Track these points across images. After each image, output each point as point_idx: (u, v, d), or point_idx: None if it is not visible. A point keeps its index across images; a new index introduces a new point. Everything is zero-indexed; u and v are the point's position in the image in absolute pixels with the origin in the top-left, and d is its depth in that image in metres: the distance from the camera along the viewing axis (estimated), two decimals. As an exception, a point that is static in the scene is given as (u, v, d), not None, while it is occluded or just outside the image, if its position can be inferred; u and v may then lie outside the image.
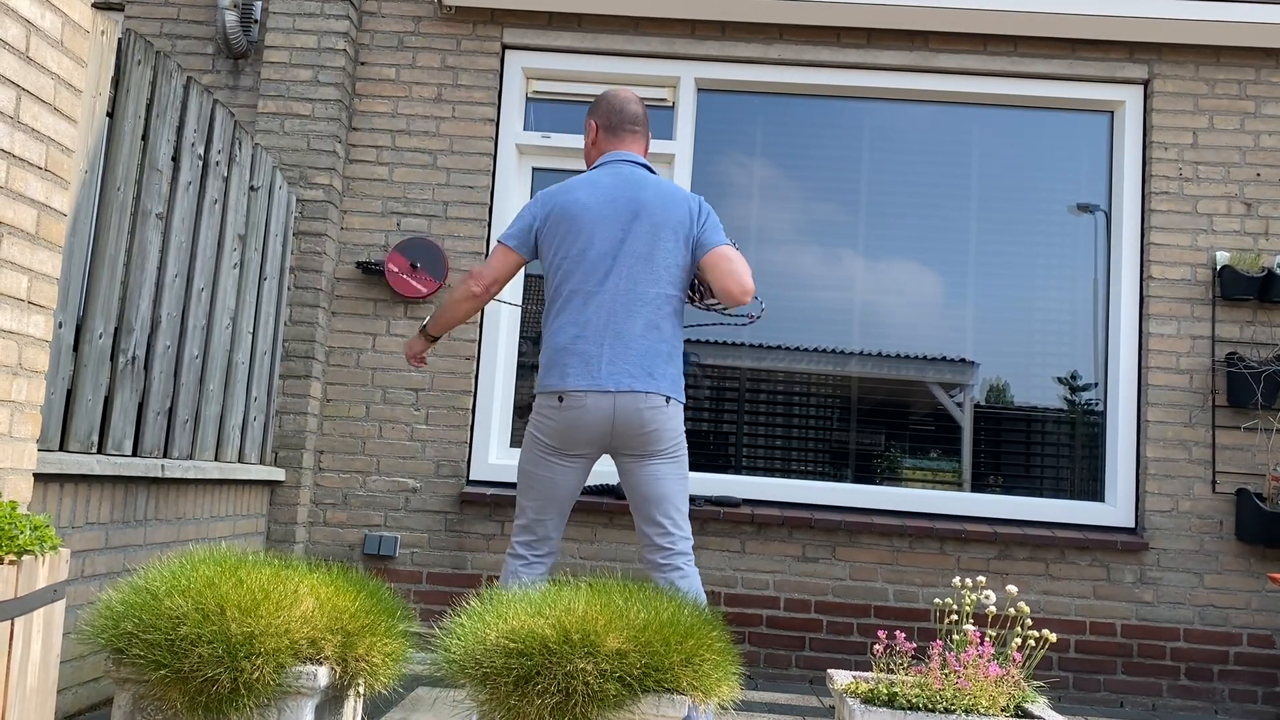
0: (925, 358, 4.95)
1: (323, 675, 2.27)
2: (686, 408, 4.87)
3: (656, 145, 4.94)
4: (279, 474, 4.55)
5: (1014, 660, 2.47)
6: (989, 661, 2.41)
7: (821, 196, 5.09)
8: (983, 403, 4.91)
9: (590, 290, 3.05)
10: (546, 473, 3.08)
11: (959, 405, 4.92)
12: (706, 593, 4.62)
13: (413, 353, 3.41)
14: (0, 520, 1.76)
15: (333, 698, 2.45)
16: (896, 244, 5.02)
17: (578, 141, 4.96)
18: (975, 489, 4.86)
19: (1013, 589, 2.65)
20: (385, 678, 2.42)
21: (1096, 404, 4.87)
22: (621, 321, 3.04)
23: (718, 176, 5.08)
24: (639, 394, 3.00)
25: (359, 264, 4.79)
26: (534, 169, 5.06)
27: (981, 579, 2.58)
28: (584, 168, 4.71)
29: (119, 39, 3.19)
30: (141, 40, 3.30)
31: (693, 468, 4.88)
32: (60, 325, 2.92)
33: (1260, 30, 4.71)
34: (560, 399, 3.02)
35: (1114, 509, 4.73)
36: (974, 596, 2.59)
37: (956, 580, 2.55)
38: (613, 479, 4.75)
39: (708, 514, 4.61)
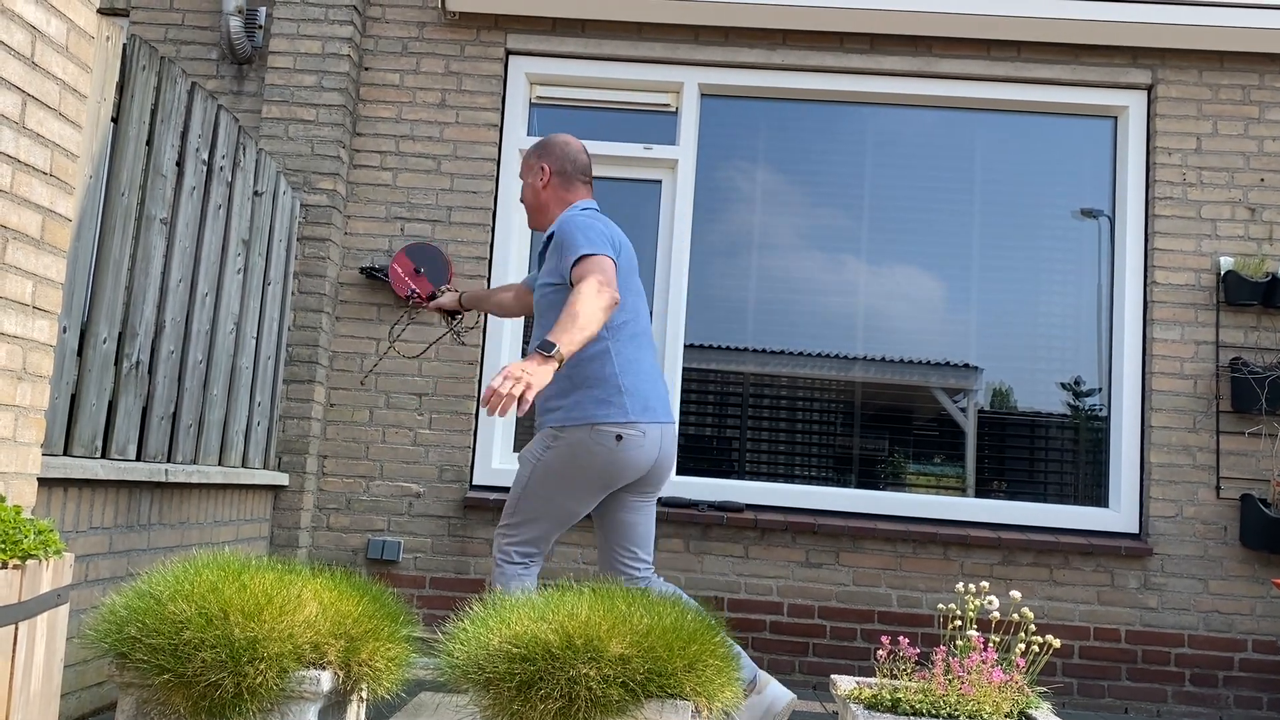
0: (929, 363, 4.94)
1: (326, 680, 2.27)
2: (691, 412, 4.89)
3: (661, 150, 4.96)
4: (282, 478, 4.55)
5: (1018, 666, 2.47)
6: (992, 667, 2.40)
7: (825, 201, 5.09)
8: (986, 408, 4.91)
9: (646, 328, 3.16)
10: (575, 506, 3.01)
11: (963, 410, 4.92)
12: (710, 597, 4.62)
13: (536, 386, 2.63)
14: (4, 524, 1.76)
15: (336, 703, 2.45)
16: (900, 249, 5.01)
17: (581, 147, 4.97)
18: (979, 494, 4.85)
19: (1016, 594, 2.65)
20: (389, 683, 2.42)
21: (1100, 409, 4.86)
22: (656, 358, 3.19)
23: (721, 181, 5.08)
24: (675, 424, 3.15)
25: (362, 270, 4.79)
26: (537, 174, 5.06)
27: (985, 584, 2.58)
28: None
29: (124, 44, 3.20)
30: (146, 45, 3.31)
31: (696, 472, 4.88)
32: (64, 330, 2.92)
33: (1264, 35, 4.70)
34: (644, 432, 2.97)
35: (1118, 514, 4.72)
36: (978, 602, 2.58)
37: (960, 586, 2.55)
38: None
39: (710, 519, 4.60)
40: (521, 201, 3.48)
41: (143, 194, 3.35)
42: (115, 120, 3.18)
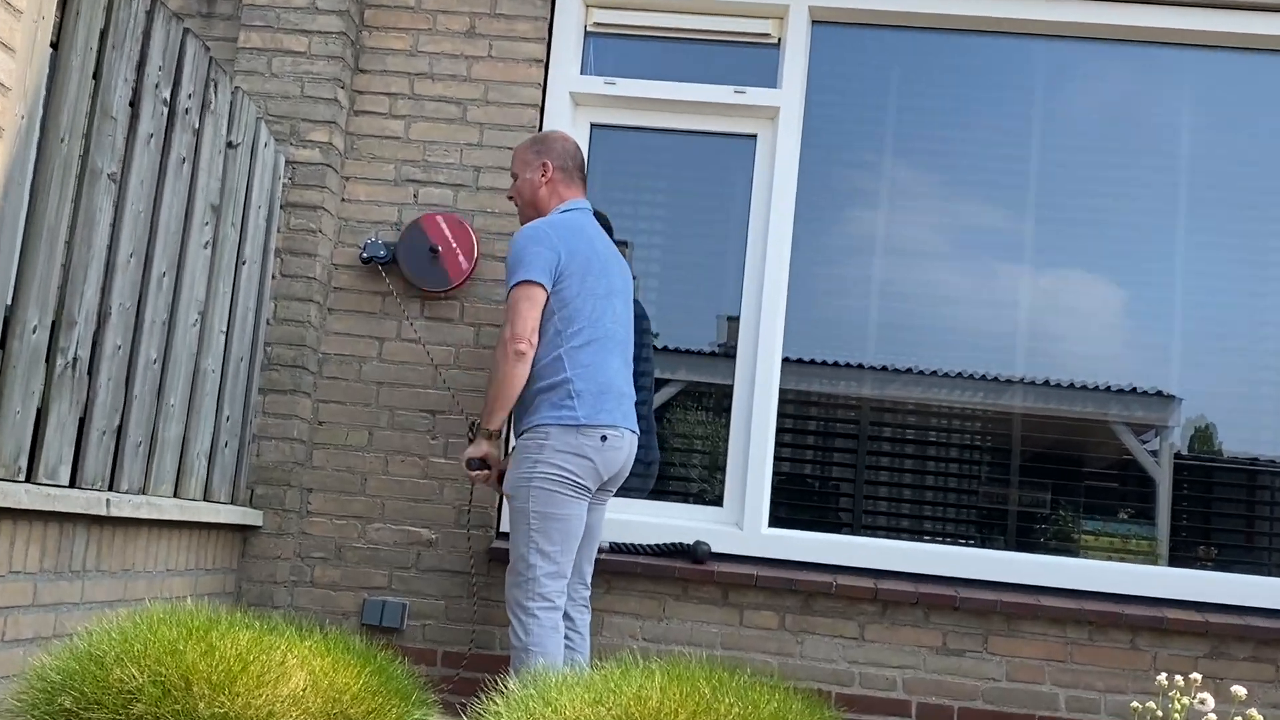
0: (1110, 389, 4.89)
1: (315, 774, 2.29)
2: (788, 445, 4.87)
3: (757, 95, 4.97)
4: (255, 517, 4.61)
5: (1241, 788, 2.41)
6: (1206, 788, 2.35)
7: (975, 168, 5.05)
8: (1185, 450, 4.85)
9: (614, 333, 4.13)
10: (578, 511, 4.01)
11: (1154, 453, 4.86)
12: (813, 690, 4.59)
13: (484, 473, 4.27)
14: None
15: (325, 806, 2.47)
16: (1075, 235, 4.96)
17: (650, 89, 5.01)
18: (1177, 563, 4.78)
19: (1240, 690, 2.59)
20: (395, 781, 2.44)
21: (1351, 455, 4.78)
22: (626, 364, 4.19)
23: (836, 137, 5.07)
24: (630, 431, 4.13)
25: (364, 259, 4.83)
26: (593, 125, 5.10)
27: (1196, 677, 2.53)
28: (655, 125, 5.10)
29: (69, -53, 3.27)
30: (97, -50, 3.38)
31: (795, 524, 4.87)
32: (-14, 313, 2.99)
33: None
34: (604, 437, 4.00)
35: (1375, 597, 4.61)
36: (1185, 701, 2.54)
37: (1162, 678, 2.50)
38: (688, 536, 4.73)
39: (815, 587, 4.58)
40: (511, 198, 4.41)
41: (87, 141, 3.41)
42: (55, 46, 3.24)
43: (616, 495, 4.66)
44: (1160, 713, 2.50)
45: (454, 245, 4.82)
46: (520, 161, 4.31)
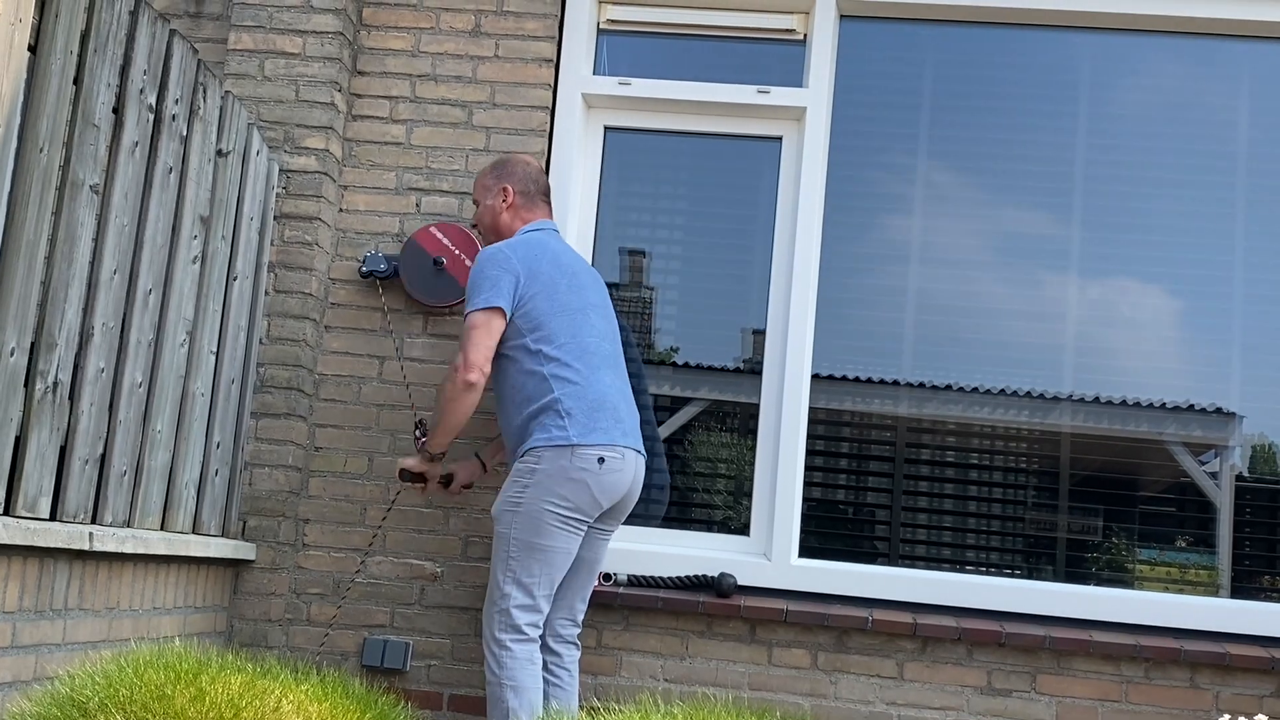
0: (1165, 406, 4.87)
1: (312, 829, 2.28)
2: (819, 469, 4.86)
3: (782, 95, 4.97)
4: (247, 550, 4.62)
5: (1312, 839, 2.38)
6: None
7: (1016, 170, 5.04)
8: (1248, 471, 4.84)
9: (599, 348, 4.19)
10: (564, 544, 4.03)
11: (1213, 475, 4.84)
12: (848, 734, 4.58)
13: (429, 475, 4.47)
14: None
15: None
16: (1123, 241, 4.95)
17: (667, 90, 5.02)
18: (1239, 594, 4.74)
19: (1310, 734, 2.57)
20: (399, 836, 2.43)
21: None
22: (619, 379, 4.26)
23: (866, 139, 5.07)
24: (631, 450, 4.16)
25: (363, 272, 4.84)
26: (607, 128, 5.10)
27: (1261, 718, 2.50)
28: (673, 127, 5.12)
29: (47, -55, 3.29)
30: (77, -53, 3.40)
31: (825, 554, 4.85)
32: (-40, 335, 3.00)
33: None
34: (601, 459, 4.02)
35: None
36: (1250, 744, 2.51)
37: (1225, 719, 2.48)
38: (711, 568, 4.71)
39: (849, 622, 4.56)
40: (475, 225, 4.59)
41: (68, 151, 3.42)
42: (33, 50, 3.26)
43: (630, 524, 4.65)
44: (1223, 758, 2.48)
45: (459, 258, 4.82)
46: (481, 188, 4.47)
